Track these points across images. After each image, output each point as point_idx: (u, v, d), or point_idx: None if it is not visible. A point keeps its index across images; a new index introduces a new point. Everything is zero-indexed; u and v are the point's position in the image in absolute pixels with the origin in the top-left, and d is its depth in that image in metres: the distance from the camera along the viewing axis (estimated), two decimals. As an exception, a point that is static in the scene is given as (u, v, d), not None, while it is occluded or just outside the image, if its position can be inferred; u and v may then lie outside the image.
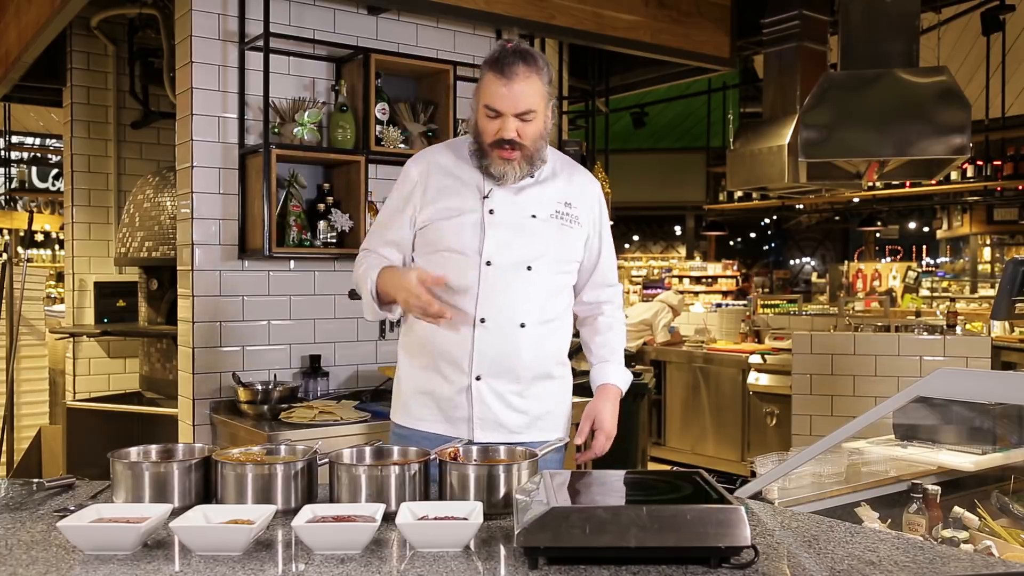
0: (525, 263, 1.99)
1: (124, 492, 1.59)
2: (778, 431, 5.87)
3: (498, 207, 1.99)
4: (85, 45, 4.94)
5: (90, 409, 4.40)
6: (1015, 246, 11.71)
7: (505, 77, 1.88)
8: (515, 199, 2.00)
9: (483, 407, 1.99)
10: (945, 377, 1.84)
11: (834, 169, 5.33)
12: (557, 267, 2.05)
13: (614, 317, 2.19)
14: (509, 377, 2.00)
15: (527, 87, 1.90)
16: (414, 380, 2.07)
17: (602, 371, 2.15)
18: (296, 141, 3.41)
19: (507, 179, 1.98)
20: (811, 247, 19.01)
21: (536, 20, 4.04)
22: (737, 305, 9.38)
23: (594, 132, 5.50)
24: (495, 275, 1.97)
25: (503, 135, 1.92)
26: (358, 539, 1.37)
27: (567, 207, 2.06)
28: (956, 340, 4.74)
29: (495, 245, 1.97)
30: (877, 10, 4.95)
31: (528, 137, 1.94)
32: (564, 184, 2.08)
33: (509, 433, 2.00)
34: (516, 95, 1.89)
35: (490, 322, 1.96)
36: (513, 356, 1.99)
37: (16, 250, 10.25)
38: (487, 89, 1.92)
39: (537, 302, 2.01)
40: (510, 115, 1.91)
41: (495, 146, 1.94)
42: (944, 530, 2.12)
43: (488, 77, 1.92)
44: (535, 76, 1.91)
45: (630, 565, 1.29)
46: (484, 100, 1.93)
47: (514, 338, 1.98)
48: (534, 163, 1.99)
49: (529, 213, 2.01)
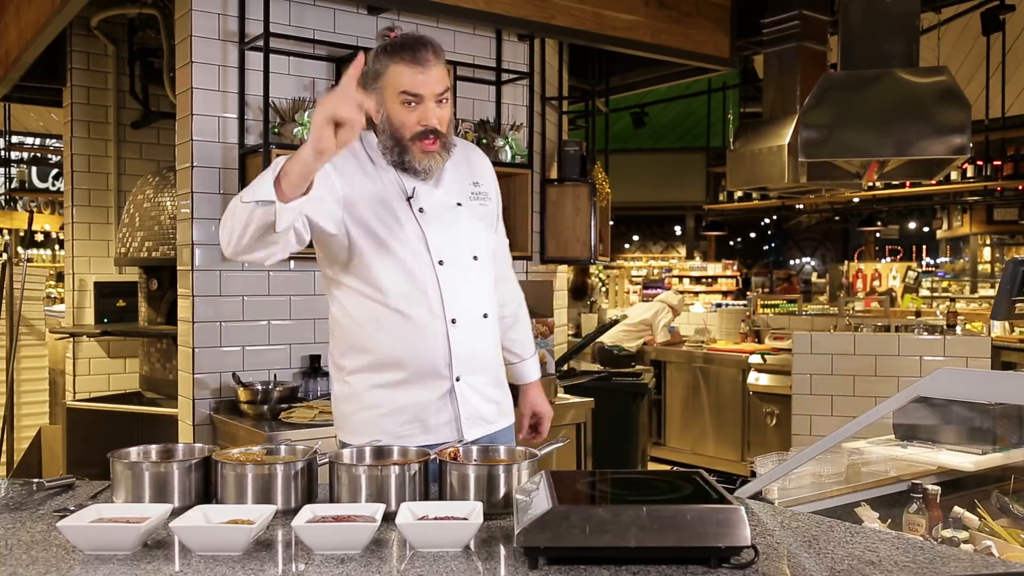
0: (470, 254, 1.99)
1: (124, 492, 1.59)
2: (778, 431, 5.87)
3: (425, 204, 1.95)
4: (85, 45, 4.93)
5: (90, 409, 4.40)
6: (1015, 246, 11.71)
7: (419, 64, 1.85)
8: (436, 192, 1.97)
9: (467, 405, 1.98)
10: (945, 377, 1.84)
11: (834, 169, 5.33)
12: (490, 248, 2.07)
13: (515, 303, 2.24)
14: (481, 369, 2.00)
15: (439, 71, 1.88)
16: (383, 399, 1.94)
17: (522, 371, 2.28)
18: (296, 141, 3.40)
19: (431, 172, 1.94)
20: (811, 247, 19.01)
21: (536, 20, 4.04)
22: (737, 305, 9.38)
23: (594, 132, 5.50)
24: (450, 273, 1.94)
25: (427, 123, 1.87)
26: (358, 539, 1.37)
27: (477, 186, 2.06)
28: (956, 340, 4.74)
29: (438, 243, 1.93)
30: (877, 10, 4.95)
31: (445, 123, 1.92)
32: (467, 165, 2.07)
33: (488, 424, 2.02)
34: (433, 78, 1.86)
35: (460, 321, 1.94)
36: (482, 349, 2.00)
37: (16, 250, 10.25)
38: (399, 77, 1.85)
39: (489, 289, 2.03)
40: (431, 99, 1.87)
41: (417, 138, 1.89)
42: (944, 530, 2.12)
43: (397, 67, 1.85)
44: (442, 60, 1.90)
45: (630, 565, 1.29)
46: (399, 87, 1.85)
47: (481, 331, 1.99)
48: (448, 150, 1.96)
49: (454, 202, 1.99)
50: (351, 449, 1.72)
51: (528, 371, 2.27)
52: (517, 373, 2.27)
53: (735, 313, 7.94)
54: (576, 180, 4.46)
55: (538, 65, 4.41)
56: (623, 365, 5.76)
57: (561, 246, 4.43)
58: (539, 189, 4.46)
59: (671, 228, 17.49)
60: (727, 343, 6.97)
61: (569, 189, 4.44)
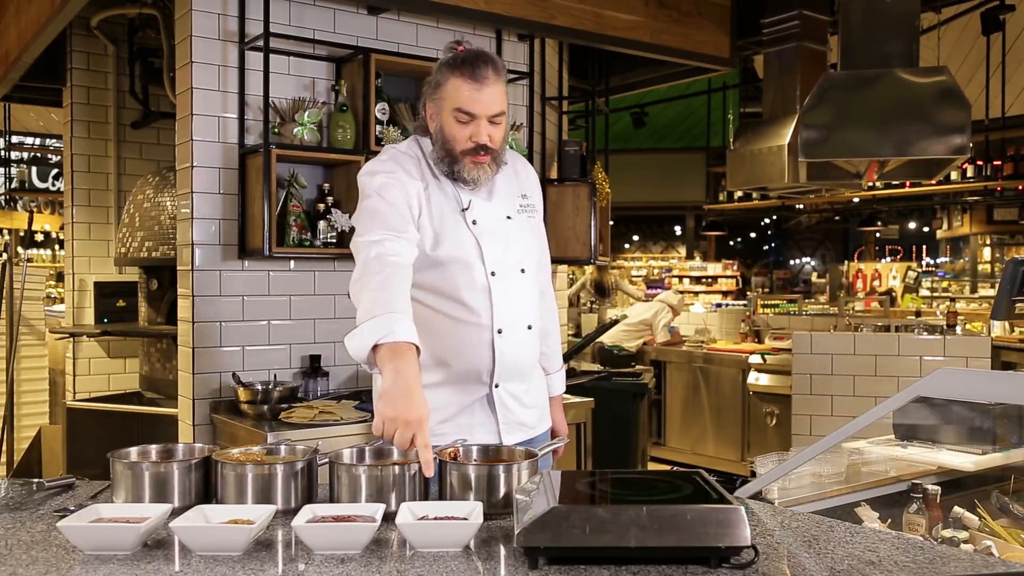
0: (519, 267, 2.02)
1: (124, 492, 1.59)
2: (778, 431, 5.87)
3: (479, 216, 1.99)
4: (85, 45, 4.93)
5: (90, 409, 4.40)
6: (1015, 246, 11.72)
7: (477, 81, 1.86)
8: (489, 204, 2.02)
9: (506, 411, 2.02)
10: (945, 377, 1.84)
11: (834, 169, 5.33)
12: (537, 261, 2.10)
13: (548, 317, 2.24)
14: (520, 378, 2.05)
15: (497, 90, 1.90)
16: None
17: (549, 383, 2.26)
18: (296, 141, 3.41)
19: (480, 183, 1.98)
20: (811, 247, 19.01)
21: (536, 20, 4.04)
22: (737, 305, 9.38)
23: (594, 132, 5.50)
24: (501, 284, 1.98)
25: (478, 140, 1.90)
26: (358, 539, 1.37)
27: (525, 199, 2.09)
28: (956, 340, 4.74)
29: (492, 254, 1.98)
30: (877, 10, 4.95)
31: (498, 141, 1.95)
32: (515, 178, 2.10)
33: (529, 429, 2.08)
34: (488, 98, 1.88)
35: (506, 332, 1.98)
36: (524, 359, 2.04)
37: (16, 250, 10.25)
38: (457, 93, 1.88)
39: (534, 302, 2.08)
40: (484, 118, 1.89)
41: (468, 153, 1.92)
42: (944, 530, 2.12)
43: (456, 81, 1.88)
44: (502, 81, 1.91)
45: (630, 565, 1.29)
46: (455, 104, 1.89)
47: (525, 342, 2.03)
48: (499, 164, 2.00)
49: (504, 215, 2.03)
50: (351, 449, 1.72)
51: (551, 384, 2.28)
52: None
53: (735, 313, 7.95)
54: (576, 180, 4.46)
55: (538, 65, 4.41)
56: (623, 365, 5.76)
57: (561, 246, 4.43)
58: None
59: (671, 228, 17.49)
60: (727, 343, 6.97)
61: (569, 189, 4.44)
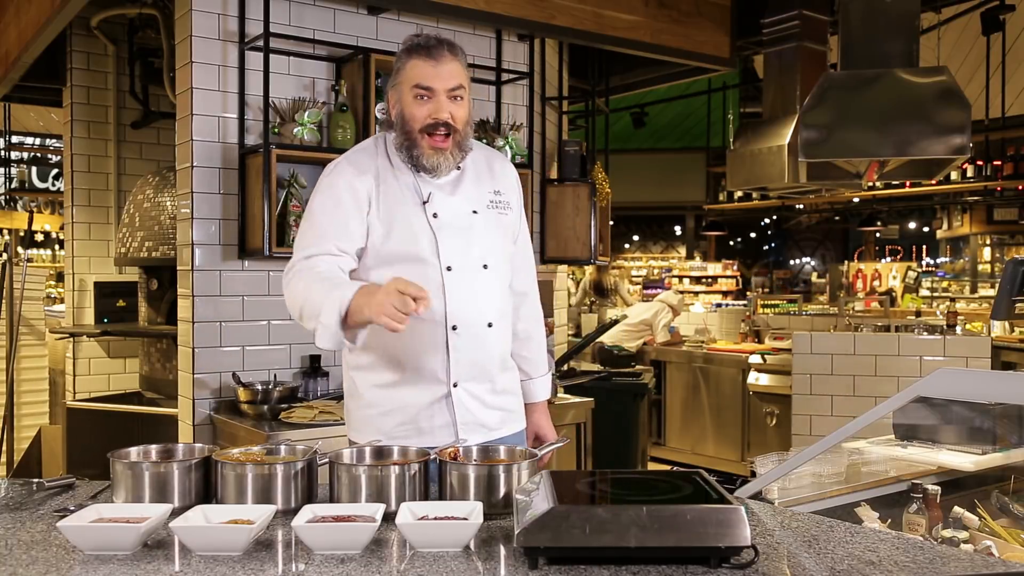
0: (481, 262, 1.97)
1: (124, 492, 1.59)
2: (778, 431, 5.87)
3: (440, 209, 1.95)
4: (85, 45, 4.94)
5: (90, 409, 4.40)
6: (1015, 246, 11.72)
7: (433, 58, 1.88)
8: (452, 198, 1.97)
9: (464, 411, 1.97)
10: (945, 377, 1.84)
11: (834, 169, 5.33)
12: (504, 258, 2.05)
13: (530, 320, 2.20)
14: (482, 378, 2.00)
15: (454, 66, 1.90)
16: (380, 399, 1.97)
17: (531, 389, 2.22)
18: (296, 141, 3.41)
19: (440, 171, 1.94)
20: (811, 247, 19.01)
21: (536, 20, 4.04)
22: (737, 305, 9.38)
23: (594, 132, 5.50)
24: (458, 279, 1.94)
25: (437, 115, 1.89)
26: (358, 539, 1.37)
27: (497, 195, 2.05)
28: (956, 340, 4.74)
29: (449, 249, 1.93)
30: (877, 10, 4.95)
31: (460, 120, 1.92)
32: (488, 172, 2.06)
33: (490, 431, 2.00)
34: (446, 73, 1.89)
35: (461, 328, 1.93)
36: (485, 357, 1.99)
37: (16, 250, 10.25)
38: (414, 71, 1.89)
39: (497, 299, 2.01)
40: (442, 92, 1.89)
41: (427, 132, 1.90)
42: (944, 530, 2.12)
43: (413, 62, 1.90)
44: (459, 59, 1.92)
45: (630, 565, 1.29)
46: (413, 81, 1.89)
47: (484, 339, 1.97)
48: (464, 151, 1.97)
49: (470, 209, 1.99)
50: (351, 449, 1.72)
51: (534, 390, 2.22)
52: (524, 391, 2.21)
53: (735, 313, 7.94)
54: (576, 180, 4.46)
55: (538, 65, 4.41)
56: (623, 365, 5.76)
57: (561, 246, 4.43)
58: (539, 189, 4.46)
59: (671, 228, 17.49)
60: (727, 343, 6.97)
61: (569, 189, 4.44)
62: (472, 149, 2.02)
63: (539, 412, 2.23)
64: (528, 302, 2.19)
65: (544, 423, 2.23)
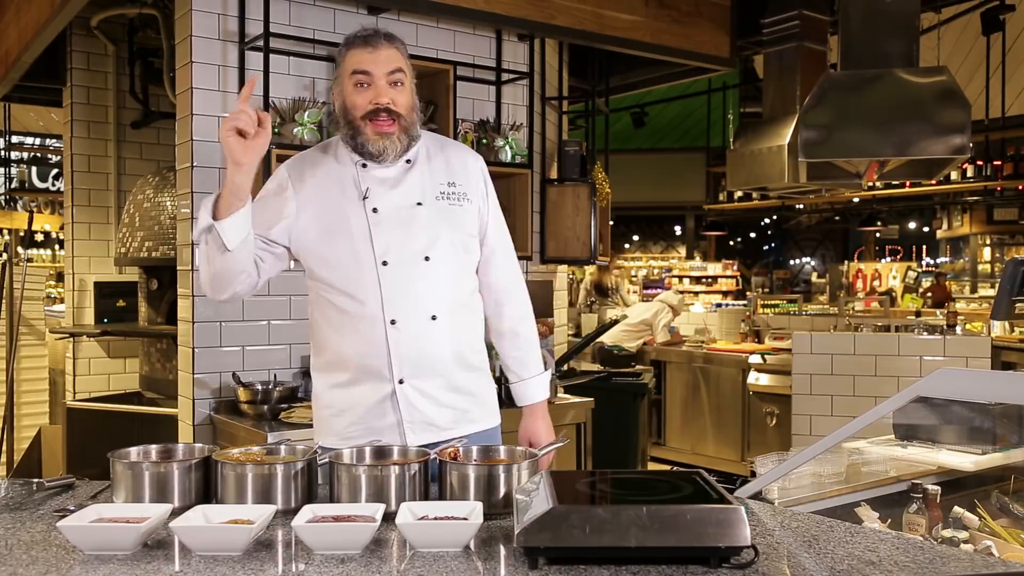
0: (421, 254, 1.93)
1: (124, 492, 1.59)
2: (778, 431, 5.87)
3: (380, 204, 1.92)
4: (85, 45, 4.94)
5: (90, 409, 4.40)
6: (1015, 246, 11.72)
7: (370, 45, 1.89)
8: (393, 192, 1.94)
9: (411, 409, 1.93)
10: (945, 377, 1.84)
11: (834, 169, 5.33)
12: (454, 250, 1.97)
13: (514, 319, 2.11)
14: (431, 374, 1.94)
15: (392, 52, 1.91)
16: (334, 400, 1.97)
17: (522, 391, 2.12)
18: (296, 141, 3.40)
19: (387, 154, 1.91)
20: (811, 247, 19.01)
21: (536, 20, 4.04)
22: (737, 305, 9.39)
23: (594, 132, 5.50)
24: (393, 273, 1.90)
25: (378, 100, 1.88)
26: (358, 539, 1.37)
27: (451, 187, 2.00)
28: (956, 340, 4.74)
29: (386, 243, 1.90)
30: (877, 10, 4.95)
31: (402, 106, 1.91)
32: (443, 164, 2.02)
33: (439, 431, 1.95)
34: (383, 58, 1.89)
35: (401, 322, 1.90)
36: (431, 352, 1.94)
37: (16, 250, 10.25)
38: (352, 59, 1.90)
39: (443, 291, 1.95)
40: (381, 77, 1.88)
41: (369, 118, 1.88)
42: (944, 530, 2.12)
43: (351, 52, 1.91)
44: (397, 46, 1.92)
45: (630, 565, 1.29)
46: (351, 68, 1.89)
47: (429, 333, 1.93)
48: (411, 136, 1.94)
49: (413, 201, 1.95)
50: (351, 449, 1.72)
51: (524, 392, 2.12)
52: (514, 394, 2.13)
53: (735, 313, 7.95)
54: (576, 180, 4.46)
55: (538, 65, 4.41)
56: (623, 365, 5.77)
57: (561, 246, 4.43)
58: (539, 189, 4.46)
59: (671, 228, 17.49)
60: (727, 343, 6.97)
61: (569, 189, 4.44)
62: (420, 137, 1.99)
63: (533, 416, 2.11)
64: (512, 299, 2.10)
65: (538, 427, 2.10)
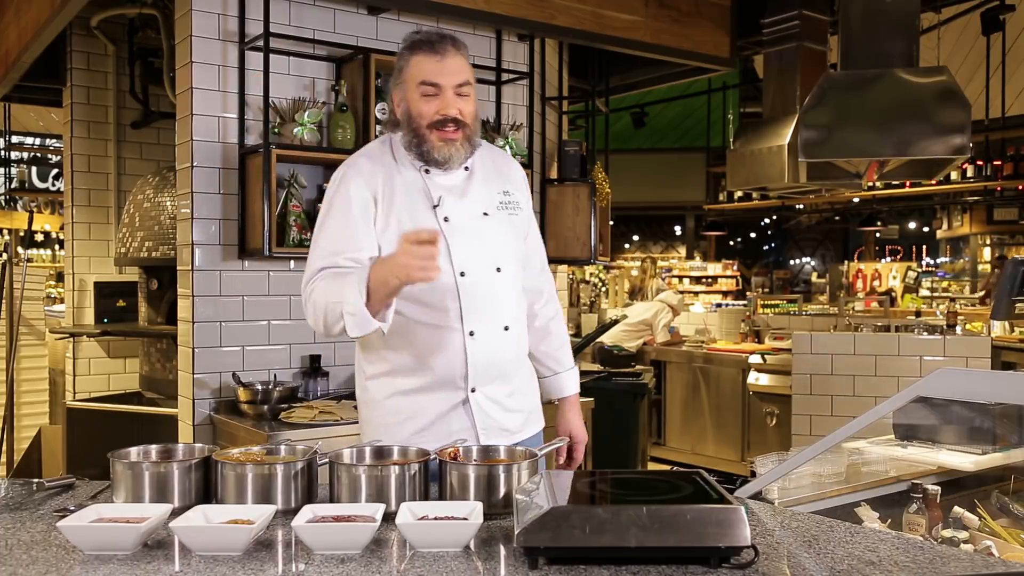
0: (494, 266, 1.95)
1: (124, 492, 1.59)
2: (778, 431, 5.87)
3: (451, 213, 1.93)
4: (85, 45, 4.93)
5: (90, 409, 4.40)
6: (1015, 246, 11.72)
7: (438, 54, 1.87)
8: (462, 201, 1.95)
9: (484, 416, 1.96)
10: (945, 377, 1.84)
11: (834, 169, 5.33)
12: (516, 260, 2.02)
13: (548, 316, 2.17)
14: (500, 381, 1.98)
15: (459, 61, 1.89)
16: (400, 407, 1.96)
17: (555, 385, 2.20)
18: (296, 141, 3.41)
19: (452, 163, 1.92)
20: (811, 247, 19.01)
21: (536, 20, 4.04)
22: (737, 305, 9.39)
23: (594, 132, 5.50)
24: (471, 284, 1.91)
25: (446, 112, 1.87)
26: (358, 539, 1.37)
27: (507, 195, 2.02)
28: (956, 340, 4.74)
29: (462, 253, 1.91)
30: (877, 10, 4.95)
31: (469, 115, 1.91)
32: (495, 172, 2.04)
33: (511, 435, 1.99)
34: (451, 68, 1.87)
35: (478, 333, 1.92)
36: (502, 361, 1.97)
37: (16, 250, 10.24)
38: (418, 68, 1.87)
39: (512, 302, 1.99)
40: (449, 88, 1.87)
41: (435, 127, 1.88)
42: (944, 530, 2.12)
43: (417, 58, 1.88)
44: (463, 54, 1.91)
45: (630, 565, 1.29)
46: (418, 78, 1.87)
47: (501, 343, 1.96)
48: (473, 145, 1.95)
49: (480, 211, 1.96)
50: (351, 449, 1.72)
51: (562, 385, 2.19)
52: (546, 387, 2.18)
53: (735, 313, 7.94)
54: (576, 180, 4.46)
55: (538, 65, 4.41)
56: (623, 365, 5.77)
57: (561, 246, 4.43)
58: (539, 189, 4.46)
59: (671, 228, 17.48)
60: (727, 343, 6.97)
61: (569, 189, 4.44)
62: (480, 145, 2.01)
63: (572, 409, 2.18)
64: (543, 299, 2.17)
65: (575, 421, 2.17)
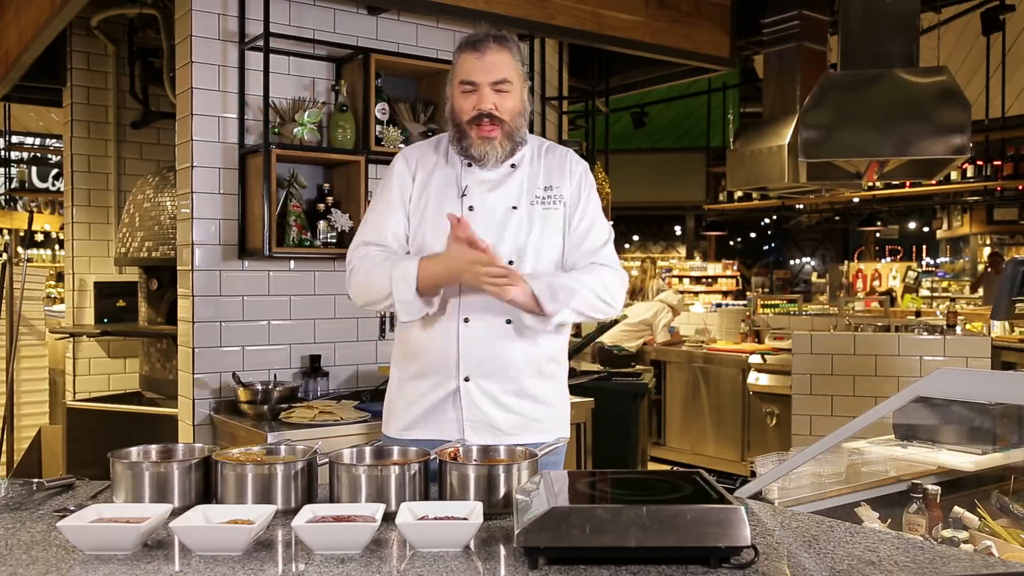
0: (506, 258, 1.94)
1: (124, 492, 1.59)
2: (778, 431, 5.87)
3: (476, 203, 1.98)
4: (85, 45, 4.94)
5: (90, 409, 4.40)
6: (1015, 246, 11.72)
7: (478, 51, 1.93)
8: (492, 193, 1.99)
9: (473, 409, 1.95)
10: (945, 377, 1.84)
11: (834, 169, 5.33)
12: (538, 255, 1.97)
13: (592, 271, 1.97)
14: (500, 377, 1.96)
15: (499, 58, 1.93)
16: (405, 391, 2.04)
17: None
18: (296, 141, 3.41)
19: (488, 159, 1.96)
20: (811, 247, 19.01)
21: (536, 20, 4.04)
22: (737, 305, 9.39)
23: (594, 132, 5.50)
24: None
25: (481, 107, 1.92)
26: (358, 539, 1.37)
27: (547, 191, 2.01)
28: (956, 340, 4.74)
29: None
30: (877, 10, 4.96)
31: (507, 111, 1.94)
32: (542, 168, 2.03)
33: (502, 435, 1.96)
34: (489, 65, 1.92)
35: (474, 321, 1.93)
36: (503, 356, 1.95)
37: (16, 250, 10.25)
38: (461, 67, 1.96)
39: None
40: (486, 85, 1.92)
41: (473, 122, 1.94)
42: (944, 530, 2.12)
43: (461, 57, 1.96)
44: (507, 51, 1.95)
45: (630, 565, 1.29)
46: (459, 77, 1.95)
47: (500, 335, 1.95)
48: (515, 142, 1.98)
49: (509, 205, 1.99)
50: (351, 449, 1.72)
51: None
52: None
53: (735, 313, 7.94)
54: (576, 180, 4.45)
55: (538, 65, 4.41)
56: (623, 365, 5.76)
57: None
58: (539, 189, 4.46)
59: (671, 228, 17.49)
60: (727, 343, 6.96)
61: (569, 189, 4.44)
62: (526, 142, 2.02)
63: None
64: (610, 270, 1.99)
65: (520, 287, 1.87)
